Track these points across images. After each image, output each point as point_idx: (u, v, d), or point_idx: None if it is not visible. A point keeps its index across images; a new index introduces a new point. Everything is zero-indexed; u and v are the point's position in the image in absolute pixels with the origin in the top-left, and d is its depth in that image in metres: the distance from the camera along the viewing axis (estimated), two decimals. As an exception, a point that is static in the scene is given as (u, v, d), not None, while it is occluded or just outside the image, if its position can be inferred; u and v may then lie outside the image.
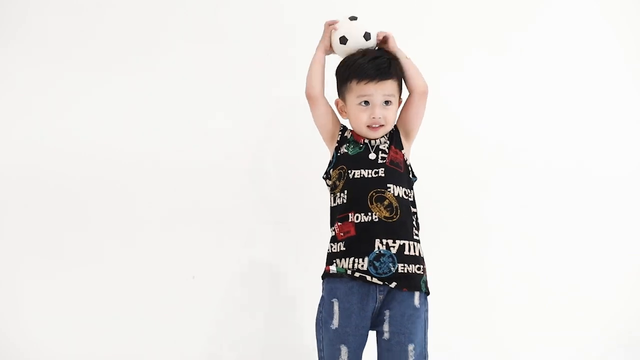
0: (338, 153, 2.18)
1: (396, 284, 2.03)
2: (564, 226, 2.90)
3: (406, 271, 2.05)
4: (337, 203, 2.13)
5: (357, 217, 2.07)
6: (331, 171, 2.18)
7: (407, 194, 2.13)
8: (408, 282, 2.05)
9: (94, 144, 2.88)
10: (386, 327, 2.05)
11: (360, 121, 2.14)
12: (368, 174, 2.11)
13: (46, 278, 2.84)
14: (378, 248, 2.04)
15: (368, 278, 2.03)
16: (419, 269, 2.09)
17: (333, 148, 2.20)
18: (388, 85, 2.13)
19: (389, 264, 2.04)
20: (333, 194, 2.17)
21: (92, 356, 2.82)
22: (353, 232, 2.07)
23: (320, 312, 2.12)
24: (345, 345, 2.04)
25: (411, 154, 2.24)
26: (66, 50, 2.90)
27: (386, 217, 2.06)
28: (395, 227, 2.06)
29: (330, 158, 2.21)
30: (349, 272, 2.05)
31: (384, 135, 2.17)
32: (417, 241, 2.12)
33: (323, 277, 2.14)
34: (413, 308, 2.05)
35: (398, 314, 2.04)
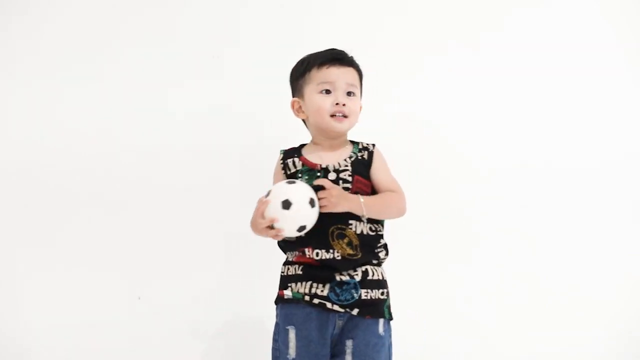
0: None
1: (359, 311, 1.86)
2: (562, 227, 2.81)
3: (369, 297, 1.88)
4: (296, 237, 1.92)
5: (317, 254, 1.87)
6: None
7: (374, 229, 1.93)
8: (372, 309, 1.87)
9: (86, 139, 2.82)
10: (349, 358, 1.86)
11: (322, 111, 1.92)
12: None
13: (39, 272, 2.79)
14: (340, 278, 1.87)
15: (328, 305, 1.85)
16: (383, 294, 1.92)
17: None
18: (351, 73, 1.97)
19: (352, 291, 1.86)
20: None
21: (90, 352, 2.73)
22: (313, 263, 1.88)
23: (275, 341, 1.93)
24: None
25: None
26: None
27: (350, 255, 1.87)
28: (359, 262, 1.88)
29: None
30: (307, 298, 1.86)
31: (346, 158, 1.94)
32: (379, 264, 1.96)
33: (276, 303, 1.95)
34: (377, 336, 1.88)
35: (362, 344, 1.86)
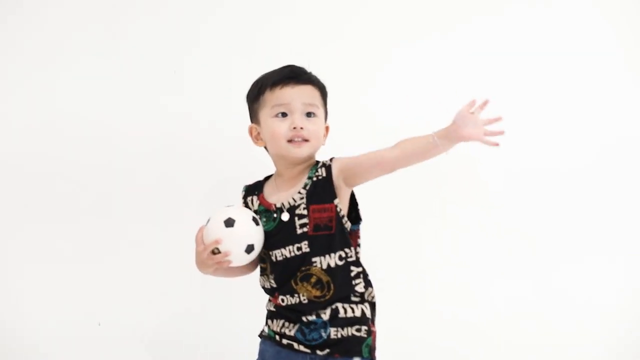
0: None
1: (329, 351, 1.75)
2: (561, 227, 2.76)
3: (340, 336, 1.75)
4: (266, 286, 1.87)
5: (283, 300, 1.80)
6: None
7: (344, 256, 1.77)
8: (342, 348, 1.75)
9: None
10: None
11: (278, 137, 1.77)
12: (290, 253, 1.77)
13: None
14: (306, 319, 1.78)
15: (295, 345, 1.78)
16: (359, 331, 1.77)
17: None
18: (308, 91, 1.80)
19: (320, 330, 1.76)
20: (262, 273, 1.89)
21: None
22: (282, 307, 1.82)
23: None
24: None
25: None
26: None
27: (317, 297, 1.76)
28: (329, 301, 1.77)
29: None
30: (277, 338, 1.83)
31: (300, 190, 1.79)
32: (362, 301, 1.80)
33: (259, 336, 1.90)
34: None
35: None
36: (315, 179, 1.79)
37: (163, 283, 2.68)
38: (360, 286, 1.81)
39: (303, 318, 1.78)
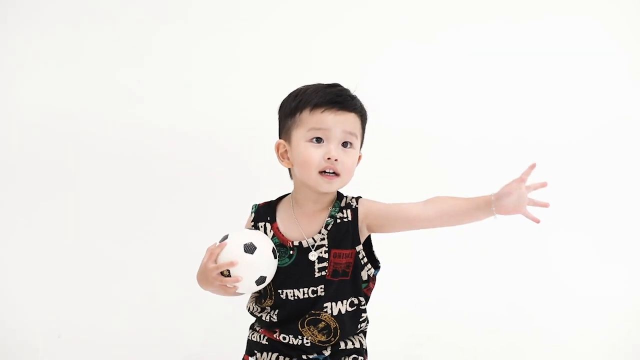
0: None
1: None
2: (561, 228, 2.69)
3: None
4: (263, 317, 1.70)
5: (285, 338, 1.66)
6: None
7: (355, 303, 1.66)
8: None
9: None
10: None
11: (309, 165, 1.59)
12: (303, 295, 1.64)
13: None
14: (306, 357, 1.67)
15: None
16: None
17: None
18: (350, 119, 1.63)
19: None
20: (257, 304, 1.73)
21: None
22: (279, 342, 1.69)
23: None
24: None
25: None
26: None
27: (322, 342, 1.65)
28: (331, 345, 1.68)
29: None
30: None
31: (322, 229, 1.65)
32: (359, 333, 1.72)
33: None
34: None
35: None
36: (339, 221, 1.66)
37: (130, 295, 2.63)
38: (363, 324, 1.73)
39: (303, 356, 1.68)
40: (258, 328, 1.74)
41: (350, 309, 1.66)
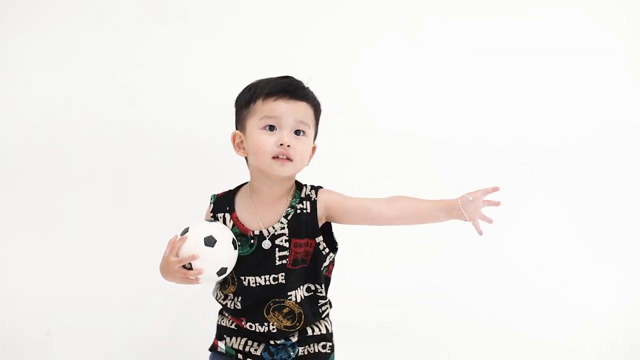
0: None
1: None
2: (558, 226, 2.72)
3: (307, 352, 1.72)
4: (228, 305, 1.73)
5: (251, 326, 1.70)
6: None
7: (313, 289, 1.72)
8: None
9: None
10: None
11: (262, 151, 1.64)
12: (265, 281, 1.68)
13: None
14: (274, 342, 1.70)
15: None
16: (325, 347, 1.74)
17: None
18: (302, 108, 1.68)
19: (289, 349, 1.70)
20: (221, 290, 1.76)
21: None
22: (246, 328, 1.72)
23: None
24: None
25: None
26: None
27: (287, 327, 1.69)
28: (297, 331, 1.71)
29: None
30: (240, 357, 1.69)
31: (281, 218, 1.68)
32: (325, 317, 1.77)
33: (210, 350, 1.78)
34: None
35: None
36: (298, 211, 1.69)
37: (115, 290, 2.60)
38: (325, 312, 1.76)
39: (271, 341, 1.70)
40: (227, 314, 1.75)
41: (307, 294, 1.70)
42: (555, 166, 2.71)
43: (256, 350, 1.69)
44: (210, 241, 1.60)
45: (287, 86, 1.67)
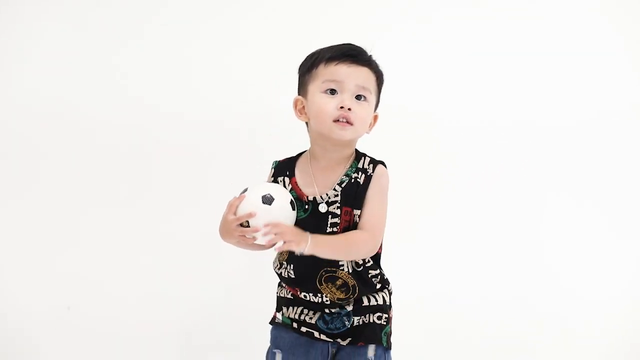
0: None
1: (351, 340, 1.69)
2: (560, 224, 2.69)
3: (361, 322, 1.71)
4: (283, 274, 1.74)
5: (305, 296, 1.71)
6: None
7: (360, 263, 1.71)
8: (365, 334, 1.70)
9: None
10: None
11: (324, 114, 1.64)
12: None
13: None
14: (329, 310, 1.72)
15: (316, 334, 1.70)
16: (380, 318, 1.73)
17: None
18: (363, 73, 1.68)
19: (343, 318, 1.71)
20: (277, 258, 1.77)
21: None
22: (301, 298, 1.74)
23: None
24: None
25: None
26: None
27: (340, 299, 1.70)
28: (352, 299, 1.73)
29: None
30: (295, 325, 1.72)
31: (336, 186, 1.69)
32: (382, 288, 1.77)
33: (270, 323, 1.81)
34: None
35: None
36: (352, 179, 1.71)
37: (144, 266, 2.62)
38: (380, 284, 1.77)
39: (326, 310, 1.72)
40: (284, 284, 1.79)
41: (363, 266, 1.71)
42: (556, 164, 2.69)
43: (311, 318, 1.71)
44: (268, 199, 1.60)
45: (350, 51, 1.69)
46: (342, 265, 1.69)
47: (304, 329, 1.72)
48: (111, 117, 2.62)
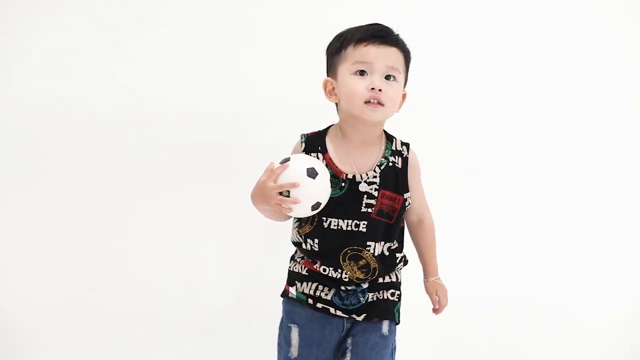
0: None
1: (365, 316, 1.74)
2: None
3: (375, 298, 1.76)
4: (304, 247, 1.77)
5: (325, 270, 1.74)
6: None
7: (392, 248, 1.77)
8: (380, 310, 1.75)
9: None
10: (348, 356, 1.76)
11: (354, 95, 1.66)
12: (347, 226, 1.72)
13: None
14: (346, 288, 1.76)
15: (331, 310, 1.74)
16: (393, 295, 1.78)
17: None
18: (392, 53, 1.69)
19: (359, 294, 1.74)
20: (297, 230, 1.78)
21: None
22: (319, 273, 1.76)
23: (279, 335, 1.83)
24: None
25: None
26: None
27: (358, 279, 1.74)
28: (368, 282, 1.77)
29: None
30: (310, 301, 1.75)
31: (375, 167, 1.73)
32: (398, 269, 1.83)
33: (282, 296, 1.83)
34: (380, 336, 1.75)
35: (361, 342, 1.74)
36: (390, 163, 1.75)
37: (166, 243, 2.67)
38: (400, 265, 1.84)
39: (341, 286, 1.76)
40: (299, 259, 1.81)
41: (387, 253, 1.76)
42: (556, 164, 2.73)
43: (327, 295, 1.74)
44: (312, 173, 1.61)
45: (378, 32, 1.70)
46: (369, 246, 1.73)
47: (320, 305, 1.75)
48: (126, 113, 2.68)
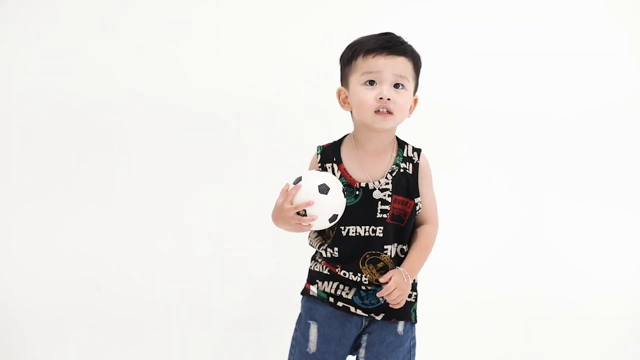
0: None
1: (384, 315, 1.80)
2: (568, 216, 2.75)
3: None
4: (324, 254, 1.83)
5: (345, 274, 1.80)
6: None
7: (405, 250, 1.83)
8: (398, 311, 1.79)
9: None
10: (362, 353, 1.82)
11: (365, 105, 1.73)
12: (364, 232, 1.78)
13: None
14: (366, 288, 1.81)
15: (352, 309, 1.80)
16: (410, 296, 1.82)
17: None
18: (400, 63, 1.75)
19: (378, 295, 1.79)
20: (317, 237, 1.86)
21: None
22: (339, 275, 1.82)
23: (295, 331, 1.88)
24: None
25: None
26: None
27: (378, 281, 1.78)
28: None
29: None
30: (331, 300, 1.81)
31: (387, 174, 1.80)
32: None
33: (302, 294, 1.89)
34: (395, 335, 1.82)
35: (376, 340, 1.81)
36: (401, 169, 1.81)
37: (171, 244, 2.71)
38: None
39: (362, 286, 1.81)
40: (319, 259, 1.86)
41: (401, 256, 1.82)
42: (556, 163, 2.74)
43: (347, 294, 1.80)
44: (324, 189, 1.70)
45: (386, 42, 1.76)
46: (387, 250, 1.79)
47: (341, 304, 1.81)
48: (130, 115, 2.71)
